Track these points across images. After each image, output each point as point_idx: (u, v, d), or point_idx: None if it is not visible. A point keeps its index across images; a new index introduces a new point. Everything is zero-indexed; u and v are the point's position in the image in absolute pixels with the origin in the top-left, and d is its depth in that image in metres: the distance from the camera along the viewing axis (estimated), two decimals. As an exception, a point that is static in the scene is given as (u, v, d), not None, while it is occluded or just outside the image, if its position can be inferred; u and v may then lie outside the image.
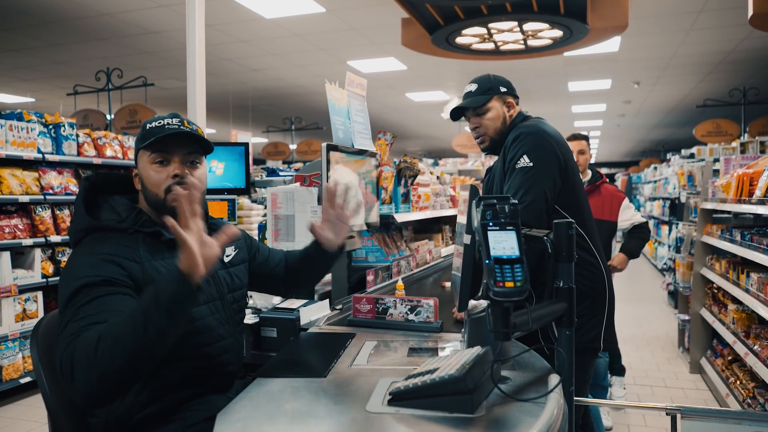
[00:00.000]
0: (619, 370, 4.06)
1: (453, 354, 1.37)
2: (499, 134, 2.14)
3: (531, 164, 1.95)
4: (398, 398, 1.23)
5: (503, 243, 1.22)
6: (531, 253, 1.68)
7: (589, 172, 3.70)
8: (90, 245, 1.41)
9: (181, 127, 1.49)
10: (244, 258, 1.74)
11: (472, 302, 1.52)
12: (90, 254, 1.38)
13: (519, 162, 1.97)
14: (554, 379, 1.34)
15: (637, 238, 3.70)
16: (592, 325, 2.04)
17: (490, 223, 1.24)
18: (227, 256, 1.67)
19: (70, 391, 1.19)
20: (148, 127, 1.50)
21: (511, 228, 1.24)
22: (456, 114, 2.22)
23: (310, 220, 1.74)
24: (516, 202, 1.26)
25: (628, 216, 3.68)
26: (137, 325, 1.17)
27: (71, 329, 1.23)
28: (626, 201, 3.72)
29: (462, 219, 1.63)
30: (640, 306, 7.43)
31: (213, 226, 1.72)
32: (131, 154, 5.29)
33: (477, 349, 1.33)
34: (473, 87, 2.16)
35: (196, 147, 1.53)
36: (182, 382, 1.43)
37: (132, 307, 1.21)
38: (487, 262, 1.19)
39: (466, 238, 1.45)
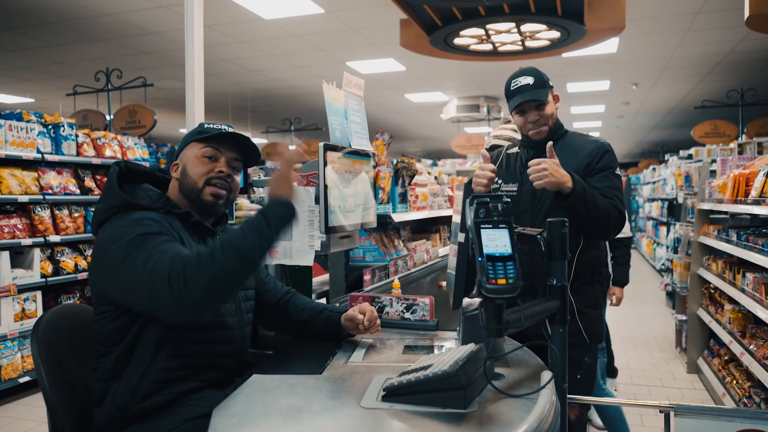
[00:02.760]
0: (612, 372, 4.07)
1: (447, 351, 1.39)
2: (554, 125, 2.22)
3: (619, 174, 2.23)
4: (392, 394, 1.24)
5: (496, 241, 1.24)
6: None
7: None
8: (127, 216, 1.46)
9: (233, 131, 1.66)
10: None
11: (466, 300, 1.54)
12: (131, 219, 1.44)
13: (616, 170, 2.19)
14: (546, 375, 1.35)
15: (622, 264, 3.57)
16: (600, 320, 2.30)
17: (483, 221, 1.26)
18: None
19: (177, 304, 1.29)
20: (205, 126, 1.68)
21: (504, 226, 1.26)
22: (517, 104, 2.20)
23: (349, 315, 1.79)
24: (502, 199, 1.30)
25: None
26: (251, 239, 1.37)
27: (162, 259, 1.33)
28: None
29: (457, 218, 1.65)
30: (639, 306, 7.45)
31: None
32: (130, 155, 5.31)
33: (471, 346, 1.35)
34: (529, 80, 2.15)
35: (240, 155, 1.68)
36: (183, 373, 1.46)
37: (241, 227, 1.40)
38: (479, 259, 1.21)
39: (461, 237, 1.47)
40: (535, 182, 1.99)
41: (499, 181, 2.31)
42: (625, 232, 3.56)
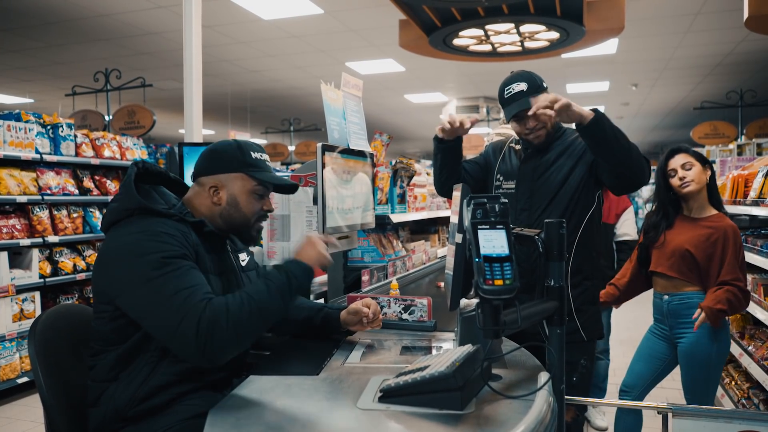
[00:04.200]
0: None
1: (444, 352, 1.39)
2: (551, 127, 2.17)
3: None
4: (389, 395, 1.24)
5: (493, 241, 1.23)
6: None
7: None
8: (144, 225, 1.45)
9: (284, 178, 1.72)
10: (253, 267, 1.80)
11: (463, 301, 1.54)
12: (148, 230, 1.44)
13: None
14: (544, 376, 1.35)
15: None
16: (600, 316, 2.28)
17: (480, 222, 1.25)
18: (243, 260, 1.75)
19: (199, 351, 1.31)
20: (254, 157, 1.64)
21: (501, 226, 1.25)
22: (513, 113, 2.15)
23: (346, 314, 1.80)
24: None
25: (622, 231, 3.46)
26: (274, 299, 1.42)
27: (189, 296, 1.35)
28: (630, 210, 3.52)
29: (455, 219, 1.65)
30: (638, 307, 7.40)
31: None
32: (129, 155, 5.30)
33: (468, 347, 1.34)
34: (523, 86, 2.09)
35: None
36: (185, 376, 1.46)
37: (264, 285, 1.43)
38: (476, 260, 1.21)
39: (458, 237, 1.46)
40: (557, 106, 1.88)
41: (500, 178, 2.29)
42: (631, 234, 3.49)
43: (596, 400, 2.03)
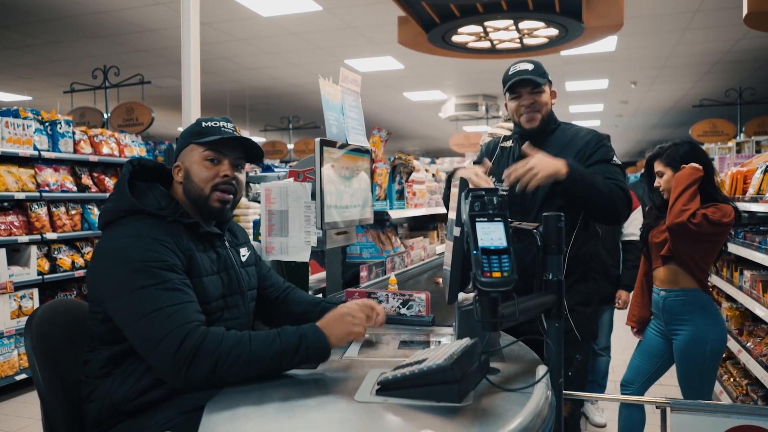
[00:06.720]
0: None
1: (442, 345, 1.38)
2: (547, 117, 2.18)
3: (620, 164, 2.19)
4: (386, 388, 1.23)
5: (491, 234, 1.23)
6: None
7: None
8: (136, 227, 1.44)
9: (234, 132, 1.61)
10: (253, 261, 1.79)
11: (462, 295, 1.53)
12: (140, 235, 1.41)
13: (614, 159, 2.15)
14: (542, 370, 1.35)
15: (631, 267, 3.38)
16: (596, 317, 2.29)
17: (479, 215, 1.25)
18: (243, 256, 1.72)
19: (174, 371, 1.29)
20: (204, 125, 1.59)
21: (499, 219, 1.25)
22: (515, 84, 2.14)
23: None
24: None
25: (630, 231, 3.41)
26: (271, 358, 1.34)
27: (174, 314, 1.32)
28: (638, 210, 3.45)
29: (452, 215, 1.64)
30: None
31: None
32: (128, 152, 5.29)
33: (466, 341, 1.34)
34: (529, 66, 2.14)
35: (243, 153, 1.65)
36: None
37: (271, 336, 1.36)
38: (474, 252, 1.20)
39: (456, 231, 1.46)
40: (530, 185, 1.94)
41: (493, 181, 2.27)
42: (638, 234, 3.24)
43: (595, 395, 2.03)
